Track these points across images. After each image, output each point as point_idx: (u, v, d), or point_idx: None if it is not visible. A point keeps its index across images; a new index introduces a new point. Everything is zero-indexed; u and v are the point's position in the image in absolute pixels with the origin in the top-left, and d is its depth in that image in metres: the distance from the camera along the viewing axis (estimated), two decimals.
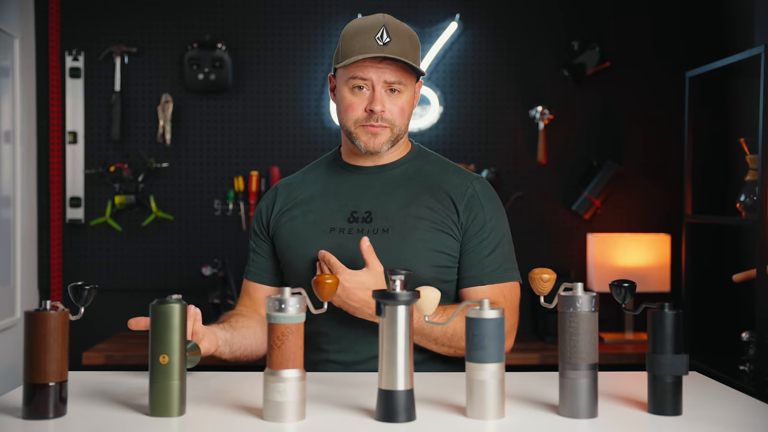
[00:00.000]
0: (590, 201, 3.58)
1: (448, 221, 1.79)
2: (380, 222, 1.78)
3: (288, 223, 1.85)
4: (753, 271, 2.72)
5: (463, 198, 1.80)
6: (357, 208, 1.81)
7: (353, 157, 1.87)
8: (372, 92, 1.75)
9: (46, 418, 1.31)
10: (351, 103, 1.77)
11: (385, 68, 1.74)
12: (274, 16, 3.63)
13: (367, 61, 1.74)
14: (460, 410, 1.37)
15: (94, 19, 3.59)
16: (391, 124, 1.77)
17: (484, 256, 1.79)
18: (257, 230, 1.91)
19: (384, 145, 1.78)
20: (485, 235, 1.79)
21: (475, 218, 1.80)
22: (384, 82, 1.75)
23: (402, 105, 1.77)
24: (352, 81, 1.76)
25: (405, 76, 1.77)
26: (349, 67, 1.76)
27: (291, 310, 1.30)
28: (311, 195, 1.86)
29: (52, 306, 1.33)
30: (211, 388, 1.53)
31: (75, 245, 3.60)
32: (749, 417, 1.39)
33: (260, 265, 1.90)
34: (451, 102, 3.64)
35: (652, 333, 1.34)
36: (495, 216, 1.82)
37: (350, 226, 1.79)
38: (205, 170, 3.63)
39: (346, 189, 1.84)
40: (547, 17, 3.65)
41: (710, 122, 3.28)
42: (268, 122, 3.64)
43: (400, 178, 1.84)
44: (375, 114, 1.75)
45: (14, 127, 3.34)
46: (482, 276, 1.78)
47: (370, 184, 1.84)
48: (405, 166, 1.86)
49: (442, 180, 1.84)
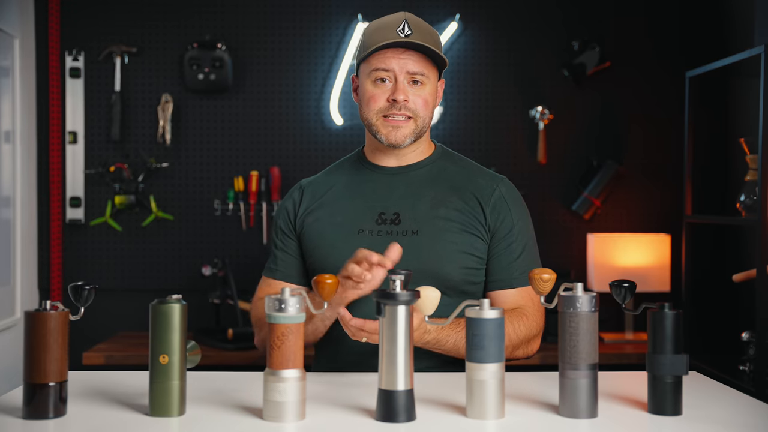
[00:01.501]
0: (590, 201, 3.58)
1: (476, 223, 1.78)
2: (409, 224, 1.76)
3: (314, 223, 1.81)
4: (753, 271, 2.72)
5: (489, 200, 1.80)
6: (385, 209, 1.78)
7: (378, 156, 1.84)
8: (395, 83, 1.74)
9: (46, 418, 1.31)
10: (373, 94, 1.76)
11: (407, 59, 1.74)
12: (274, 16, 3.63)
13: (389, 52, 1.74)
14: (460, 410, 1.37)
15: (94, 19, 3.59)
16: (415, 115, 1.75)
17: (512, 259, 1.79)
18: (284, 228, 1.86)
19: (407, 138, 1.76)
20: (513, 238, 1.80)
21: (503, 221, 1.79)
22: (407, 72, 1.74)
23: (425, 97, 1.76)
24: (374, 73, 1.75)
25: (428, 68, 1.76)
26: (370, 60, 1.75)
27: (291, 310, 1.30)
28: (337, 195, 1.83)
29: (52, 306, 1.33)
30: (211, 388, 1.53)
31: (75, 245, 3.60)
32: (749, 417, 1.39)
33: (289, 264, 1.85)
34: (451, 102, 3.64)
35: (652, 333, 1.34)
36: (521, 218, 1.83)
37: (379, 227, 1.76)
38: (205, 170, 3.63)
39: (372, 189, 1.82)
40: (547, 17, 3.65)
41: (710, 122, 3.28)
42: (268, 122, 3.64)
43: (426, 179, 1.82)
44: (398, 103, 1.73)
45: (14, 127, 3.34)
46: (511, 280, 1.79)
47: (395, 184, 1.81)
48: (430, 167, 1.84)
49: (468, 181, 1.83)
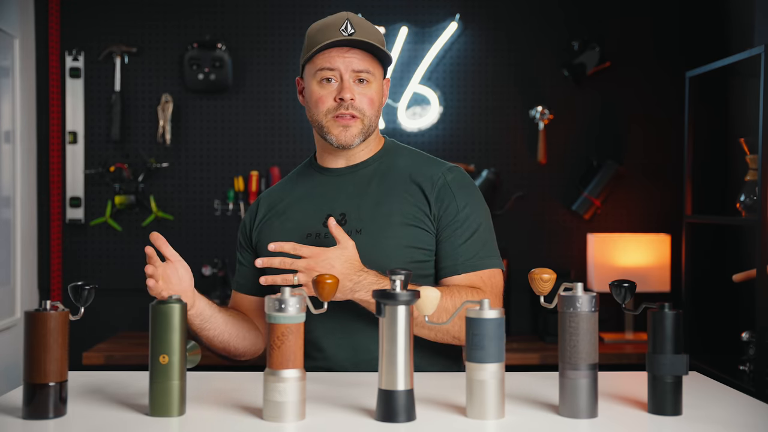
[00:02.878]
0: (590, 201, 3.58)
1: (420, 215, 1.75)
2: (354, 223, 1.76)
3: (267, 231, 1.84)
4: (753, 271, 2.72)
5: (434, 188, 1.76)
6: (332, 211, 1.79)
7: (327, 159, 1.85)
8: (340, 82, 1.74)
9: (46, 418, 1.31)
10: (320, 95, 1.75)
11: (352, 57, 1.73)
12: (274, 16, 3.63)
13: (333, 51, 1.73)
14: (460, 410, 1.37)
15: (94, 19, 3.59)
16: (361, 114, 1.75)
17: (458, 245, 1.75)
18: (242, 242, 1.91)
19: (355, 138, 1.76)
20: (459, 224, 1.75)
21: (447, 208, 1.75)
22: (352, 71, 1.73)
23: (371, 95, 1.75)
24: (319, 73, 1.74)
25: (373, 65, 1.75)
26: (315, 60, 1.74)
27: (291, 310, 1.30)
28: (290, 202, 1.85)
29: (52, 306, 1.33)
30: (211, 388, 1.53)
31: (75, 245, 3.60)
32: (749, 417, 1.39)
33: (246, 275, 1.89)
34: (451, 102, 3.64)
35: (652, 333, 1.34)
36: (469, 204, 1.77)
37: (326, 230, 1.74)
38: (205, 170, 3.63)
39: (321, 192, 1.82)
40: (547, 17, 3.65)
41: (710, 122, 3.28)
42: (268, 122, 3.64)
43: (372, 176, 1.81)
44: (345, 102, 1.73)
45: (14, 127, 3.34)
46: (456, 265, 1.74)
47: (343, 185, 1.82)
48: (377, 164, 1.83)
49: (413, 172, 1.80)
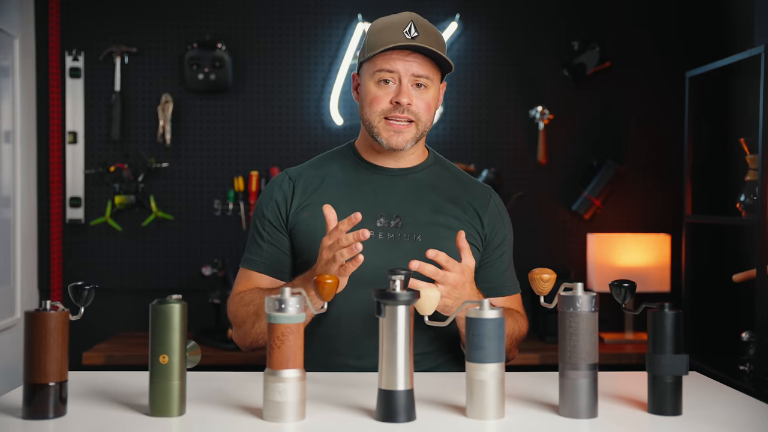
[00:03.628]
0: (590, 201, 3.58)
1: (473, 232, 1.79)
2: (411, 228, 1.74)
3: (309, 220, 1.74)
4: (753, 271, 2.72)
5: (486, 210, 1.82)
6: (386, 211, 1.75)
7: (374, 156, 1.80)
8: (398, 85, 1.71)
9: (46, 418, 1.31)
10: (376, 96, 1.72)
11: (412, 61, 1.70)
12: (274, 16, 3.63)
13: (394, 54, 1.70)
14: (460, 410, 1.37)
15: (94, 19, 3.59)
16: (417, 119, 1.72)
17: (504, 269, 1.82)
18: (274, 222, 1.78)
19: (408, 142, 1.73)
20: (505, 248, 1.83)
21: (498, 232, 1.82)
22: (411, 75, 1.70)
23: (428, 100, 1.73)
24: (378, 74, 1.71)
25: (432, 71, 1.73)
26: (375, 60, 1.71)
27: (291, 310, 1.30)
28: (332, 193, 1.77)
29: (52, 306, 1.33)
30: (211, 388, 1.53)
31: (75, 245, 3.60)
32: (749, 417, 1.39)
33: (278, 259, 1.77)
34: (451, 102, 3.64)
35: (652, 333, 1.34)
36: (510, 230, 1.88)
37: (380, 230, 1.73)
38: (205, 170, 3.63)
39: (371, 189, 1.78)
40: (547, 17, 3.65)
41: (710, 122, 3.28)
42: (268, 122, 3.64)
43: (424, 184, 1.80)
44: (401, 106, 1.70)
45: (14, 127, 3.34)
46: (503, 288, 1.82)
47: (396, 187, 1.78)
48: (427, 171, 1.83)
49: (464, 190, 1.83)
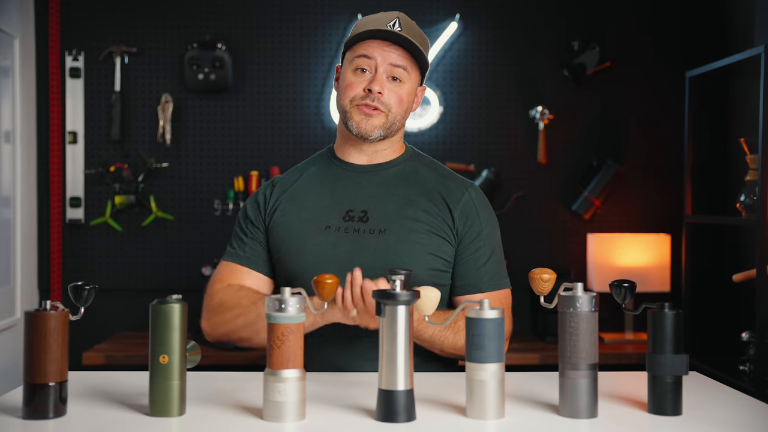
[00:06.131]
0: (590, 201, 3.58)
1: (444, 226, 1.78)
2: (377, 222, 1.76)
3: (281, 218, 1.81)
4: (753, 271, 2.72)
5: (458, 204, 1.80)
6: (352, 207, 1.79)
7: (348, 153, 1.84)
8: (374, 74, 1.75)
9: (46, 418, 1.31)
10: (351, 82, 1.77)
11: (391, 51, 1.75)
12: (274, 16, 3.63)
13: (374, 42, 1.75)
14: (460, 410, 1.37)
15: (94, 19, 3.59)
16: (387, 109, 1.75)
17: (480, 264, 1.79)
18: (254, 220, 1.85)
19: (376, 129, 1.76)
20: (481, 243, 1.80)
21: (471, 226, 1.79)
22: (388, 64, 1.74)
23: (401, 94, 1.77)
24: (356, 60, 1.76)
25: (410, 64, 1.77)
26: (355, 47, 1.76)
27: (291, 310, 1.30)
28: (305, 191, 1.83)
29: (52, 306, 1.33)
30: (211, 388, 1.53)
31: (75, 245, 3.60)
32: (749, 417, 1.39)
33: (257, 253, 1.84)
34: (451, 102, 3.64)
35: (652, 333, 1.34)
36: (489, 224, 1.82)
37: (346, 224, 1.76)
38: (205, 170, 3.63)
39: (341, 186, 1.82)
40: (547, 17, 3.65)
41: (710, 122, 3.28)
42: (268, 122, 3.64)
43: (396, 179, 1.82)
44: (372, 94, 1.74)
45: (14, 127, 3.34)
46: (480, 284, 1.79)
47: (365, 182, 1.82)
48: (400, 167, 1.84)
49: (438, 184, 1.83)
